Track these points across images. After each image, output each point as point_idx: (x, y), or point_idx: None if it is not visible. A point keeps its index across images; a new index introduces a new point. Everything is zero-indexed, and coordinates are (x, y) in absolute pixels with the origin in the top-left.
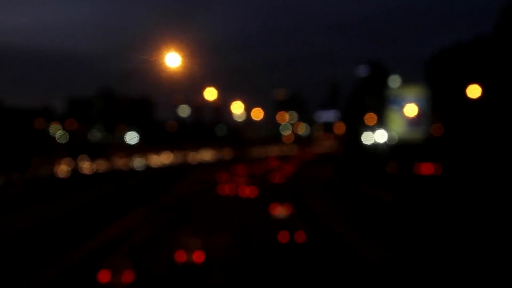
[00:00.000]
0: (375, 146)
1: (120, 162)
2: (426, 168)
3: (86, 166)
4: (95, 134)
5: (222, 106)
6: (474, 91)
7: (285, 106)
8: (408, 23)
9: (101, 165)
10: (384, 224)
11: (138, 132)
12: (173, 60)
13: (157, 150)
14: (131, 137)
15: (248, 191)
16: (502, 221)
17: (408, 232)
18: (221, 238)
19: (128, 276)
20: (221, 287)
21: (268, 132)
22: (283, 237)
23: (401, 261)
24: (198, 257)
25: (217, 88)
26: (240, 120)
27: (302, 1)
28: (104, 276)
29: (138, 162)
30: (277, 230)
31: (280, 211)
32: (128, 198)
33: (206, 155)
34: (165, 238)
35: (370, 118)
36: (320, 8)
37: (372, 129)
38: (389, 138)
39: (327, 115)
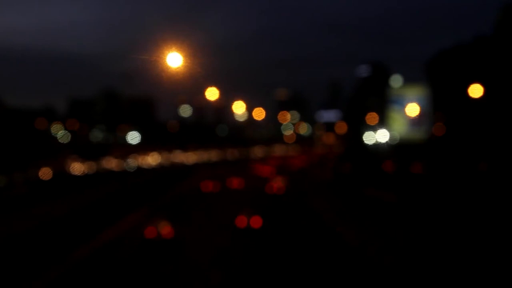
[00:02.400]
0: (377, 146)
1: (112, 163)
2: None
3: (76, 167)
4: (97, 135)
5: (223, 106)
6: (475, 90)
7: (286, 106)
8: (409, 23)
9: (91, 166)
10: (387, 224)
11: (139, 132)
12: (174, 60)
13: (156, 150)
14: (133, 137)
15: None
16: (504, 221)
17: (412, 232)
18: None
19: None
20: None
21: (269, 132)
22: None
23: (404, 260)
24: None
25: (218, 88)
26: (241, 120)
27: (304, 1)
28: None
29: (130, 163)
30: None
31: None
32: (125, 200)
33: (207, 155)
34: None
35: (372, 118)
36: (321, 8)
37: (374, 129)
38: (391, 138)
39: (329, 115)
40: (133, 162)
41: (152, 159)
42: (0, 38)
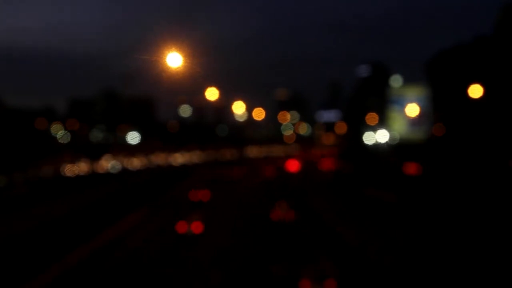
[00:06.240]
0: (376, 146)
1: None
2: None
3: (69, 168)
4: (97, 135)
5: (223, 106)
6: (475, 90)
7: (286, 106)
8: (409, 23)
9: (90, 167)
10: (387, 224)
11: (139, 132)
12: (174, 60)
13: (157, 150)
14: (133, 137)
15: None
16: (503, 221)
17: (412, 232)
18: None
19: None
20: None
21: (269, 132)
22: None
23: (404, 260)
24: None
25: (218, 88)
26: (241, 120)
27: (304, 1)
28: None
29: (113, 165)
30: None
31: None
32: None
33: (202, 155)
34: None
35: (372, 118)
36: (321, 8)
37: (374, 129)
38: (391, 138)
39: (329, 115)
40: (118, 164)
41: (137, 161)
42: (0, 38)
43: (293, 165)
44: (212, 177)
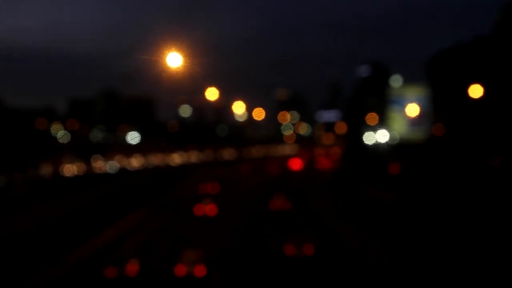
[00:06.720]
0: (376, 146)
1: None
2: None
3: (67, 168)
4: (97, 135)
5: (223, 106)
6: (475, 90)
7: (286, 106)
8: (409, 23)
9: (88, 167)
10: (387, 224)
11: (139, 132)
12: (174, 60)
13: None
14: (133, 137)
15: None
16: (503, 221)
17: (412, 232)
18: None
19: None
20: None
21: (269, 132)
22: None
23: (404, 260)
24: None
25: (218, 88)
26: (241, 120)
27: (304, 1)
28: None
29: (111, 165)
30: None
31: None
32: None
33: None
34: None
35: (372, 118)
36: (321, 8)
37: (374, 129)
38: (391, 138)
39: (329, 115)
40: (116, 164)
41: (136, 161)
42: (0, 38)
43: (296, 164)
44: (212, 177)
